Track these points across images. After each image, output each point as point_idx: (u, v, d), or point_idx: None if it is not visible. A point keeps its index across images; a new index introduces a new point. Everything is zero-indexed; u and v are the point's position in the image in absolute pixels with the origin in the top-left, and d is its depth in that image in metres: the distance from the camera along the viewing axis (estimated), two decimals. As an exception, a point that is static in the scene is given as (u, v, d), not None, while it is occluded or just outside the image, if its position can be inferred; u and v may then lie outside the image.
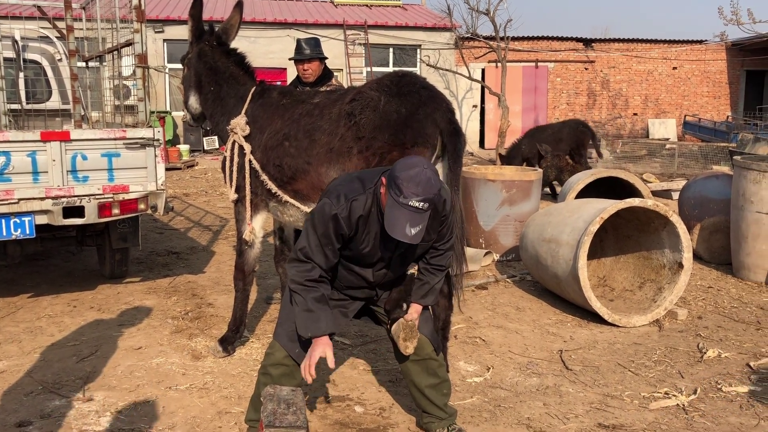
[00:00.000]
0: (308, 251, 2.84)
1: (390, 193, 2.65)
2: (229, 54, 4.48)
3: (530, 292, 5.87)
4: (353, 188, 2.84)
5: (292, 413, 2.66)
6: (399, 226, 2.62)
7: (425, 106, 3.69)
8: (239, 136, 4.21)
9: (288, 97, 4.29)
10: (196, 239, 8.01)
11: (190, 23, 4.37)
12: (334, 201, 2.79)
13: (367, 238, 2.88)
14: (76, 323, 4.95)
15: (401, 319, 3.04)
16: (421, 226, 2.64)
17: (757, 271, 6.16)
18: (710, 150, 15.94)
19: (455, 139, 3.71)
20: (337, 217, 2.77)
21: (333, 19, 20.16)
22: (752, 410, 3.67)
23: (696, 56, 22.72)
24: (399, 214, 2.61)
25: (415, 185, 2.59)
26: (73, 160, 4.71)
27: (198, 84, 4.55)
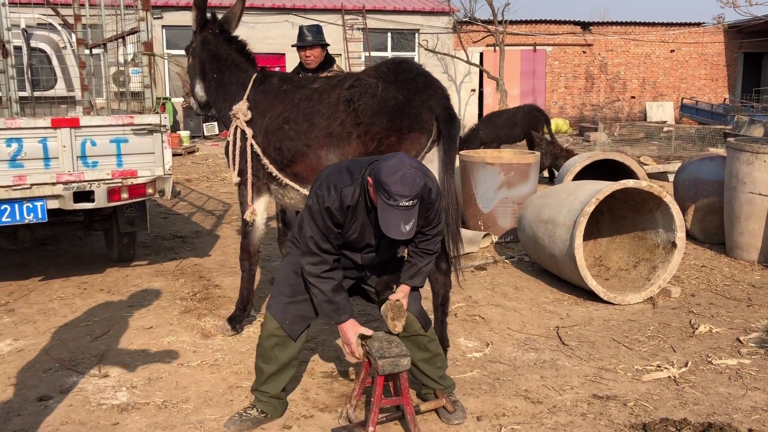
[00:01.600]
0: (317, 242, 3.00)
1: (379, 196, 2.81)
2: (230, 41, 4.60)
3: (528, 272, 6.02)
4: (342, 179, 2.99)
5: (395, 346, 3.05)
6: (394, 226, 2.79)
7: (421, 92, 3.82)
8: (241, 121, 4.34)
9: (288, 83, 4.42)
10: (200, 223, 8.15)
11: (194, 12, 4.48)
12: (326, 193, 2.95)
13: (355, 225, 3.04)
14: (88, 305, 5.10)
15: (389, 300, 3.16)
16: (413, 220, 2.83)
17: (750, 250, 6.31)
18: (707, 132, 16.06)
19: (450, 124, 3.83)
20: (330, 208, 2.94)
21: (331, 4, 20.18)
22: (740, 381, 3.83)
23: (694, 39, 22.77)
24: (392, 216, 2.79)
25: (401, 187, 2.75)
26: (83, 146, 4.84)
27: (202, 72, 4.67)
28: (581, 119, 22.12)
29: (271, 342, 3.21)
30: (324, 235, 2.98)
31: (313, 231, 2.99)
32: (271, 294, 3.31)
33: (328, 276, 3.04)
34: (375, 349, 2.99)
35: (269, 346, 3.22)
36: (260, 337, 3.26)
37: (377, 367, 2.93)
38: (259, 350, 3.28)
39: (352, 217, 3.00)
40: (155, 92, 5.11)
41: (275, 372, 3.25)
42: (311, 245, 3.00)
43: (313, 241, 2.99)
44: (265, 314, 3.27)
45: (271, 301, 3.26)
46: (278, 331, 3.19)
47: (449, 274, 4.04)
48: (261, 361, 3.27)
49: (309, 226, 3.00)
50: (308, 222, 3.01)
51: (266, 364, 3.25)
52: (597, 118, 22.09)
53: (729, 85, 23.19)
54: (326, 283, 3.04)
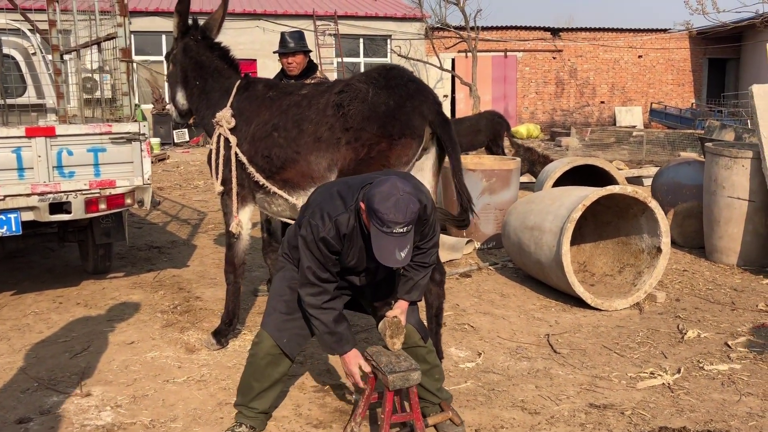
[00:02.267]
0: (315, 272, 2.92)
1: (372, 224, 2.73)
2: (213, 48, 4.50)
3: (513, 279, 6.00)
4: (335, 206, 2.90)
5: (404, 360, 2.98)
6: (388, 253, 2.71)
7: (412, 98, 3.78)
8: (225, 129, 4.23)
9: (274, 89, 4.33)
10: (175, 233, 7.98)
11: (176, 19, 4.37)
12: (320, 223, 2.86)
13: (353, 252, 2.96)
14: (64, 319, 4.93)
15: (386, 317, 3.09)
16: (408, 246, 2.75)
17: (729, 253, 6.37)
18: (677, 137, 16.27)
19: (447, 127, 3.81)
20: (326, 239, 2.86)
21: (302, 10, 20.08)
22: (733, 387, 3.83)
23: (660, 45, 23.16)
24: (386, 243, 2.71)
25: (395, 214, 2.67)
26: (59, 155, 4.68)
27: (184, 79, 4.55)
28: (552, 124, 22.31)
29: (266, 361, 3.11)
30: (322, 264, 2.91)
31: (311, 261, 2.91)
32: (265, 310, 3.20)
33: (329, 306, 2.97)
34: (384, 364, 2.91)
35: (263, 364, 3.12)
36: (253, 355, 3.15)
37: (387, 383, 2.85)
38: (250, 368, 3.17)
39: (350, 244, 2.93)
40: (133, 100, 4.96)
41: (267, 389, 3.17)
42: (310, 276, 2.92)
43: (311, 271, 2.91)
44: (260, 332, 3.16)
45: (267, 319, 3.15)
46: (274, 350, 3.10)
47: (443, 285, 3.99)
48: (252, 378, 3.16)
49: (305, 257, 2.92)
50: (304, 253, 2.92)
51: (257, 381, 3.15)
52: (567, 123, 22.30)
53: (695, 90, 23.62)
54: (327, 314, 2.97)
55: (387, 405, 2.97)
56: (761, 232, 6.18)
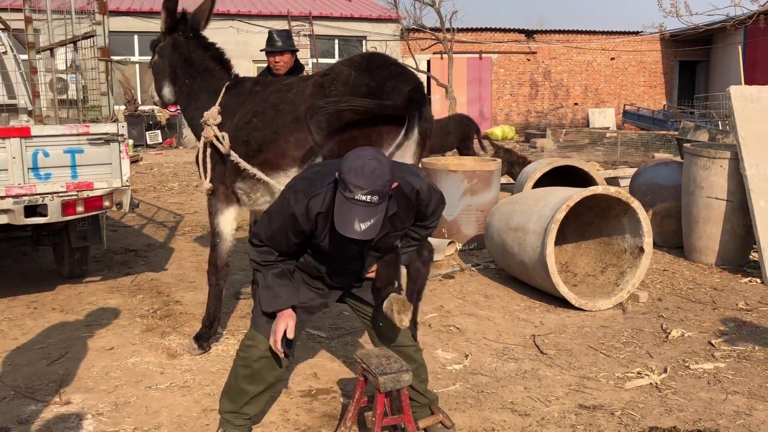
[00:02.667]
0: (263, 238, 2.84)
1: (339, 189, 2.58)
2: (206, 48, 4.42)
3: (496, 280, 5.98)
4: (313, 184, 2.78)
5: (395, 361, 2.93)
6: (347, 223, 2.53)
7: (394, 79, 3.80)
8: (212, 126, 4.14)
9: (261, 84, 4.30)
10: (151, 236, 7.84)
11: (164, 15, 4.29)
12: (293, 199, 2.74)
13: (327, 235, 2.81)
14: (40, 325, 4.80)
15: (392, 294, 2.96)
16: (373, 220, 2.54)
17: (708, 253, 6.43)
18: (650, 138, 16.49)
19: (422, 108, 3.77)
20: (295, 215, 2.73)
21: (277, 10, 19.96)
22: (719, 386, 3.85)
23: (632, 47, 23.44)
24: (346, 210, 2.53)
25: (357, 178, 2.51)
26: (35, 157, 4.55)
27: (172, 75, 4.47)
28: (526, 126, 22.45)
29: (261, 363, 2.99)
30: (273, 237, 2.81)
31: (265, 229, 2.82)
32: (254, 311, 3.08)
33: (270, 263, 2.87)
34: (374, 366, 2.86)
35: (259, 368, 3.00)
36: (245, 358, 3.02)
37: (378, 385, 2.80)
38: (243, 371, 3.03)
39: (324, 225, 2.78)
40: (112, 100, 4.85)
41: (261, 392, 3.06)
42: (257, 238, 2.86)
43: (262, 234, 2.84)
44: (253, 334, 3.02)
45: (258, 321, 3.02)
46: (269, 352, 2.98)
47: (429, 264, 3.99)
48: (246, 382, 3.03)
49: (265, 221, 2.84)
50: (266, 219, 2.84)
51: (252, 385, 3.02)
52: (542, 124, 22.46)
53: (666, 91, 23.95)
54: (270, 268, 2.87)
55: (378, 408, 2.92)
56: (739, 232, 6.26)
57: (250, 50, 18.93)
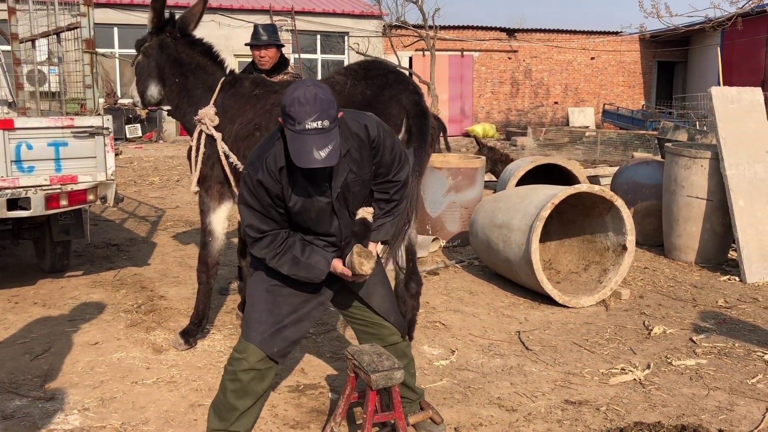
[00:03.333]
0: (259, 227, 2.70)
1: (286, 127, 2.48)
2: (194, 44, 4.37)
3: (480, 277, 6.02)
4: (264, 147, 2.69)
5: (386, 359, 2.90)
6: (305, 154, 2.42)
7: (391, 87, 3.74)
8: (208, 126, 4.12)
9: (261, 87, 4.22)
10: (133, 230, 7.77)
11: (151, 14, 4.23)
12: (251, 169, 2.64)
13: (295, 190, 2.67)
14: (22, 320, 4.74)
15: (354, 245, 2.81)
16: (330, 146, 2.44)
17: (688, 251, 6.53)
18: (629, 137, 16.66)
19: (421, 120, 3.74)
20: (261, 182, 2.61)
21: (259, 5, 19.83)
22: (701, 381, 3.92)
23: (612, 47, 23.66)
24: (301, 143, 2.43)
25: (303, 105, 2.42)
26: (18, 149, 4.49)
27: (160, 75, 4.39)
28: (507, 124, 22.59)
29: (249, 376, 2.81)
30: (264, 215, 2.68)
31: (252, 217, 2.68)
32: (244, 322, 2.92)
33: (283, 246, 2.73)
34: (366, 363, 2.86)
35: (247, 380, 2.81)
36: (233, 372, 2.83)
37: (370, 382, 2.81)
38: (232, 385, 2.81)
39: (288, 180, 2.64)
40: (97, 93, 4.80)
41: (251, 407, 2.87)
42: (254, 233, 2.70)
43: (253, 228, 2.70)
44: (244, 346, 2.84)
45: (250, 332, 2.84)
46: (261, 364, 2.81)
47: (419, 298, 3.97)
48: (235, 397, 2.81)
49: (245, 214, 2.70)
50: (244, 210, 2.70)
51: (241, 399, 2.83)
52: (522, 123, 22.61)
53: (645, 91, 24.22)
54: (288, 253, 2.73)
55: (369, 405, 2.93)
56: (718, 231, 6.36)
57: (231, 44, 18.80)
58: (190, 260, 6.34)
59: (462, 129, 21.97)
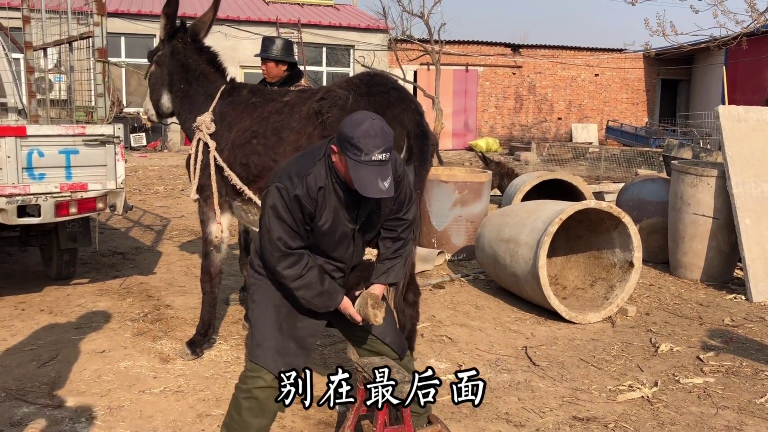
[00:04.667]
0: (287, 242, 2.69)
1: (348, 156, 2.52)
2: (201, 51, 4.41)
3: (486, 291, 6.02)
4: (303, 164, 2.70)
5: (396, 372, 2.83)
6: (371, 184, 2.51)
7: (393, 107, 3.71)
8: (204, 134, 4.14)
9: (258, 95, 4.26)
10: (138, 239, 7.79)
11: (163, 21, 4.28)
12: (289, 183, 2.64)
13: (327, 212, 2.71)
14: (29, 327, 4.74)
15: (363, 292, 2.89)
16: (390, 177, 2.56)
17: (693, 269, 6.53)
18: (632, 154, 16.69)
19: (422, 141, 3.73)
20: (298, 198, 2.63)
21: (265, 17, 19.95)
22: (709, 400, 3.91)
23: (616, 64, 23.74)
24: (366, 173, 2.51)
25: (372, 138, 2.50)
26: (29, 156, 4.51)
27: (170, 82, 4.44)
28: (511, 139, 22.63)
29: (266, 393, 2.77)
30: (294, 231, 2.68)
31: (281, 230, 2.66)
32: (252, 340, 2.88)
33: (307, 269, 2.74)
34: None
35: (264, 397, 2.78)
36: (248, 390, 2.80)
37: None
38: (248, 403, 2.78)
39: (323, 201, 2.68)
40: (107, 101, 4.83)
41: (267, 425, 2.85)
42: (281, 247, 2.68)
43: (282, 242, 2.68)
44: (254, 368, 2.81)
45: (258, 351, 2.82)
46: (275, 383, 2.75)
47: (417, 307, 3.95)
48: (251, 415, 2.78)
49: (275, 227, 2.67)
50: (272, 223, 2.67)
51: (257, 418, 2.80)
52: (526, 137, 22.65)
53: (648, 109, 24.28)
54: (310, 275, 2.74)
55: (379, 418, 2.92)
56: (724, 249, 6.36)
57: (237, 55, 18.92)
58: (195, 269, 6.34)
59: (465, 143, 22.02)
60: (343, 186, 2.67)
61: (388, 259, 2.95)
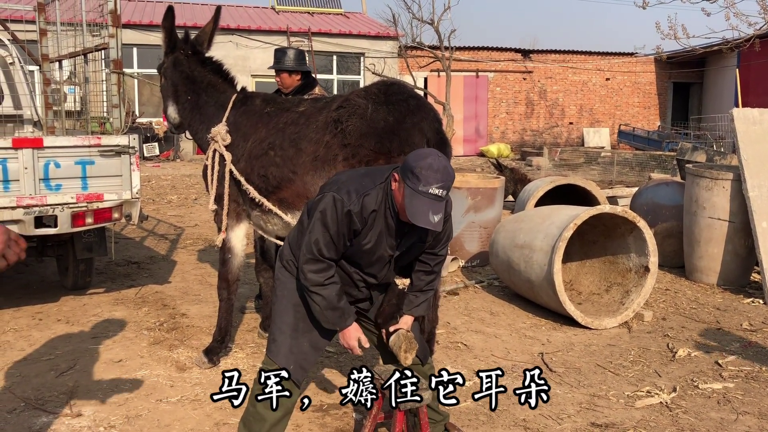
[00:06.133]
0: (321, 249, 2.78)
1: (407, 184, 2.63)
2: (204, 62, 4.45)
3: (501, 297, 6.00)
4: (363, 184, 2.80)
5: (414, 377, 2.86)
6: (422, 214, 2.61)
7: (413, 115, 3.74)
8: (220, 145, 4.17)
9: (272, 104, 4.28)
10: (153, 248, 7.82)
11: (163, 34, 4.32)
12: (346, 197, 2.74)
13: (372, 234, 2.82)
14: (46, 336, 4.77)
15: (400, 331, 3.02)
16: (442, 213, 2.65)
17: (709, 273, 6.48)
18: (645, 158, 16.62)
19: (442, 149, 3.76)
20: (351, 213, 2.73)
21: (276, 26, 20.05)
22: (729, 406, 3.87)
23: (627, 68, 23.66)
24: (420, 203, 2.61)
25: (433, 172, 2.60)
26: (46, 167, 4.56)
27: (175, 93, 4.48)
28: (522, 144, 22.59)
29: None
30: (333, 242, 2.77)
31: (322, 236, 2.76)
32: (270, 335, 3.01)
33: (331, 282, 2.83)
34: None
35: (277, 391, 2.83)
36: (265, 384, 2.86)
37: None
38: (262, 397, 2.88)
39: (372, 224, 2.80)
40: (123, 112, 4.87)
41: (280, 420, 2.93)
42: (314, 251, 2.77)
43: (317, 246, 2.76)
44: (266, 360, 2.97)
45: (273, 346, 2.96)
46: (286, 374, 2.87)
47: (436, 309, 3.95)
48: (264, 407, 2.86)
49: (317, 230, 2.77)
50: (317, 226, 2.77)
51: (271, 411, 2.86)
52: (537, 143, 22.61)
53: (660, 112, 24.16)
54: (330, 288, 2.82)
55: (397, 426, 2.92)
56: (740, 253, 6.31)
57: (248, 65, 19.02)
58: (210, 278, 6.37)
59: (477, 149, 22.00)
60: (395, 215, 2.79)
61: (421, 291, 3.07)
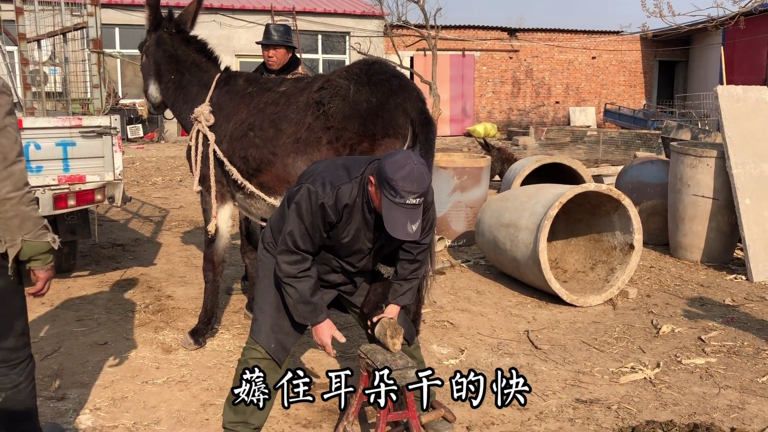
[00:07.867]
0: (297, 240, 2.77)
1: (384, 194, 2.62)
2: (189, 41, 4.38)
3: (487, 276, 6.02)
4: (338, 176, 2.78)
5: (400, 357, 2.92)
6: (400, 226, 2.62)
7: (396, 95, 3.70)
8: (203, 126, 4.12)
9: (254, 84, 4.23)
10: (138, 231, 7.77)
11: (147, 11, 4.25)
12: (320, 190, 2.73)
13: (349, 227, 2.83)
14: (31, 320, 4.71)
15: (384, 319, 3.03)
16: (419, 220, 2.67)
17: (693, 250, 6.53)
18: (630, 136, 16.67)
19: (427, 128, 3.74)
20: (324, 206, 2.72)
21: (260, 5, 19.81)
22: (711, 380, 3.92)
23: (613, 46, 23.66)
24: (398, 215, 2.61)
25: (410, 183, 2.58)
26: (26, 149, 4.48)
27: (157, 73, 4.42)
28: (509, 123, 22.60)
29: (263, 364, 2.91)
30: (308, 234, 2.76)
31: (296, 228, 2.75)
32: (253, 314, 3.04)
33: (305, 275, 2.82)
34: (380, 362, 2.86)
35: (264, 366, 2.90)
36: (244, 361, 2.96)
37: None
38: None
39: (348, 218, 2.80)
40: (104, 92, 4.80)
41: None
42: (289, 243, 2.77)
43: (292, 238, 2.76)
44: (249, 339, 3.00)
45: (254, 326, 2.99)
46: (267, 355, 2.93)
47: (422, 291, 3.96)
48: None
49: (292, 222, 2.76)
50: (292, 218, 2.76)
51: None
52: (524, 122, 22.61)
53: (646, 91, 24.22)
54: (304, 282, 2.82)
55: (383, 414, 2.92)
56: (724, 230, 6.36)
57: (232, 44, 18.82)
58: (195, 260, 6.34)
59: (463, 128, 21.98)
60: (372, 210, 2.78)
61: (405, 280, 3.06)
